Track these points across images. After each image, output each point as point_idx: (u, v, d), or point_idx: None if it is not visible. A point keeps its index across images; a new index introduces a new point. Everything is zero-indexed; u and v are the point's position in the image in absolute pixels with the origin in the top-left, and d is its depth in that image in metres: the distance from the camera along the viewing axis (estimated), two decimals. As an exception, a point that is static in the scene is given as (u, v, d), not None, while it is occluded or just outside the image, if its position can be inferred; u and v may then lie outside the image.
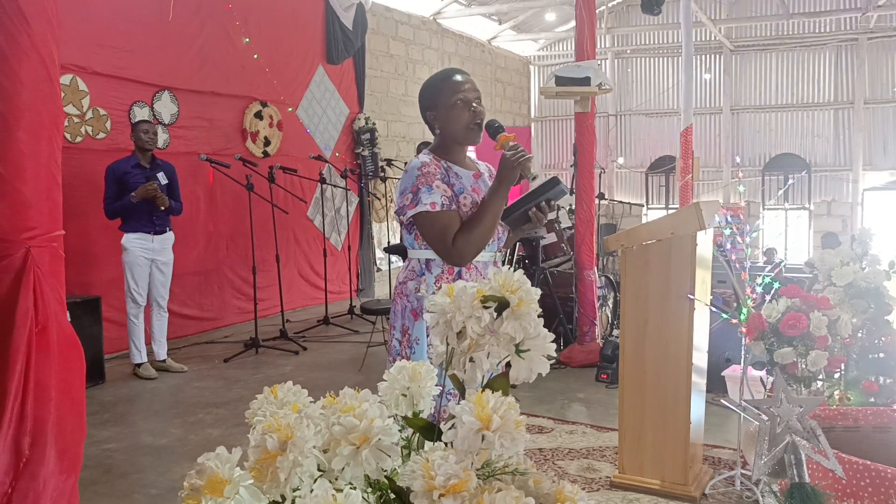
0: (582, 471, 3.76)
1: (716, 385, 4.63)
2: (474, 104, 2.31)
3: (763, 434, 1.58)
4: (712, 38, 13.52)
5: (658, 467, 3.42)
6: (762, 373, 3.60)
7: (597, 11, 6.55)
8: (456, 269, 2.27)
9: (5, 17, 1.90)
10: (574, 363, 5.77)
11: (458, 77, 2.33)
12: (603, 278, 6.64)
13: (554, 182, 2.32)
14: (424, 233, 2.26)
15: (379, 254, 9.71)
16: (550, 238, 6.44)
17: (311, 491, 0.91)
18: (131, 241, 5.42)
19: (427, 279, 2.27)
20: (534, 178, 2.28)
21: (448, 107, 2.30)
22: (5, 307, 1.96)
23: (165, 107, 6.73)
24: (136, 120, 5.86)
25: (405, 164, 8.69)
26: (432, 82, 2.39)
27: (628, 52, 14.81)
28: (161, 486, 3.64)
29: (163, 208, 5.45)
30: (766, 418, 1.58)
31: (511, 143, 2.23)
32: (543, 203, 2.31)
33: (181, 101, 6.86)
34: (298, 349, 6.38)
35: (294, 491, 0.92)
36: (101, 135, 6.09)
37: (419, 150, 6.68)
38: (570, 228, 6.93)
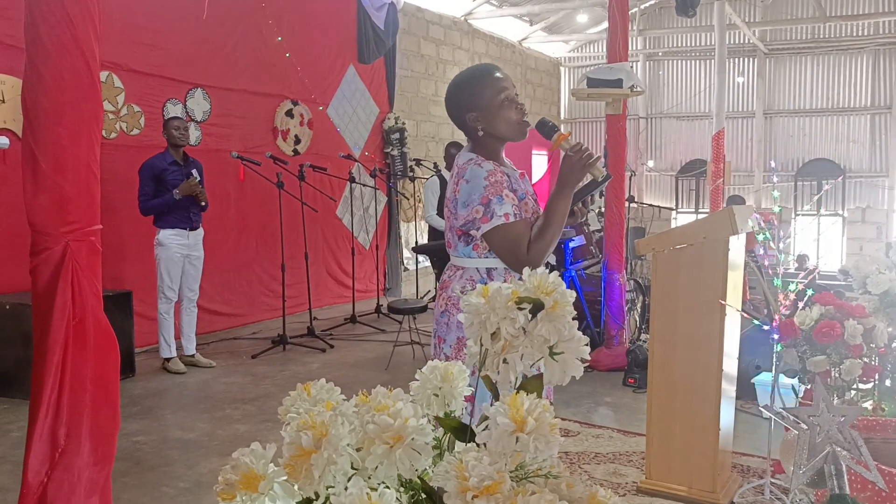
0: (608, 475, 3.73)
1: (745, 392, 4.58)
2: (518, 101, 2.22)
3: (802, 444, 1.56)
4: (746, 41, 13.37)
5: (686, 474, 3.38)
6: (794, 380, 3.55)
7: (629, 13, 6.51)
8: (518, 277, 2.19)
9: (50, 15, 1.94)
10: (601, 367, 5.73)
11: (498, 74, 2.23)
12: (631, 282, 6.59)
13: (606, 178, 2.22)
14: (497, 245, 2.15)
15: (406, 253, 9.73)
16: (579, 240, 6.41)
17: (346, 489, 0.91)
18: (168, 236, 5.47)
19: None
20: (605, 179, 2.14)
21: (495, 107, 2.18)
22: (44, 299, 1.99)
23: (198, 104, 6.80)
24: (168, 117, 5.93)
25: (434, 164, 8.67)
26: (468, 80, 2.26)
27: (660, 54, 14.69)
28: (189, 479, 3.68)
29: (203, 203, 5.51)
30: (805, 427, 1.55)
31: (572, 142, 2.11)
32: (588, 197, 2.24)
33: (214, 98, 6.93)
34: (325, 347, 6.42)
35: (328, 489, 0.92)
36: (135, 131, 6.18)
37: (447, 151, 6.72)
38: (598, 231, 6.90)
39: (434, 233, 6.77)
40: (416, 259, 8.97)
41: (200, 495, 3.50)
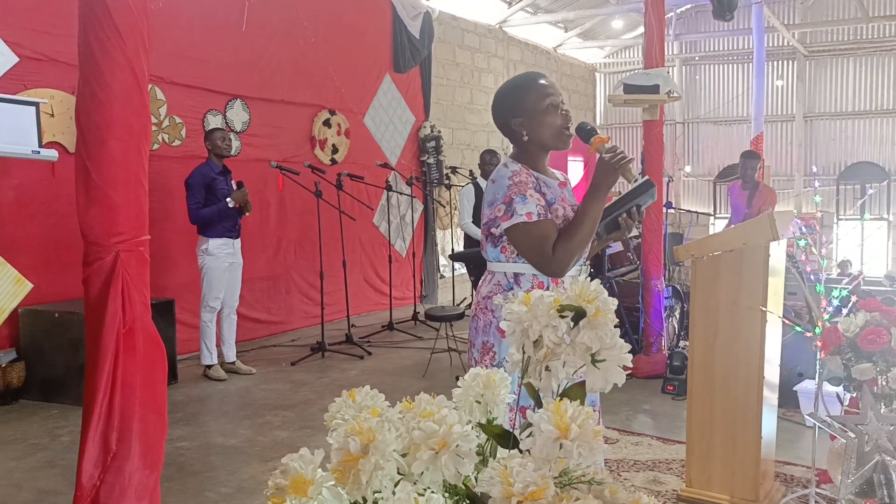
0: (648, 483, 3.70)
1: (788, 400, 4.51)
2: (564, 108, 2.22)
3: (850, 452, 1.54)
4: (785, 44, 13.17)
5: (727, 482, 3.34)
6: (838, 388, 3.49)
7: (665, 17, 6.47)
8: (545, 283, 2.14)
9: (101, 33, 2.01)
10: (640, 374, 5.68)
11: (543, 81, 2.24)
12: (670, 288, 6.53)
13: (647, 185, 2.21)
14: (520, 244, 2.14)
15: (443, 261, 9.75)
16: (616, 247, 6.37)
17: (393, 494, 0.93)
18: (218, 246, 5.53)
19: (516, 293, 2.20)
20: (635, 181, 2.15)
21: (539, 111, 2.19)
22: (96, 308, 2.06)
23: (237, 115, 6.92)
24: (211, 128, 6.03)
25: (469, 172, 8.71)
26: (514, 86, 2.27)
27: (696, 58, 14.54)
28: (231, 484, 3.73)
29: (247, 213, 5.62)
30: (853, 436, 1.53)
31: (608, 146, 2.13)
32: (634, 209, 2.20)
33: (252, 109, 7.04)
34: (363, 354, 6.46)
35: (374, 493, 0.94)
36: (177, 142, 6.30)
37: (482, 158, 6.74)
38: (636, 237, 6.84)
39: (470, 240, 6.79)
40: (453, 266, 8.99)
41: (243, 500, 3.56)
